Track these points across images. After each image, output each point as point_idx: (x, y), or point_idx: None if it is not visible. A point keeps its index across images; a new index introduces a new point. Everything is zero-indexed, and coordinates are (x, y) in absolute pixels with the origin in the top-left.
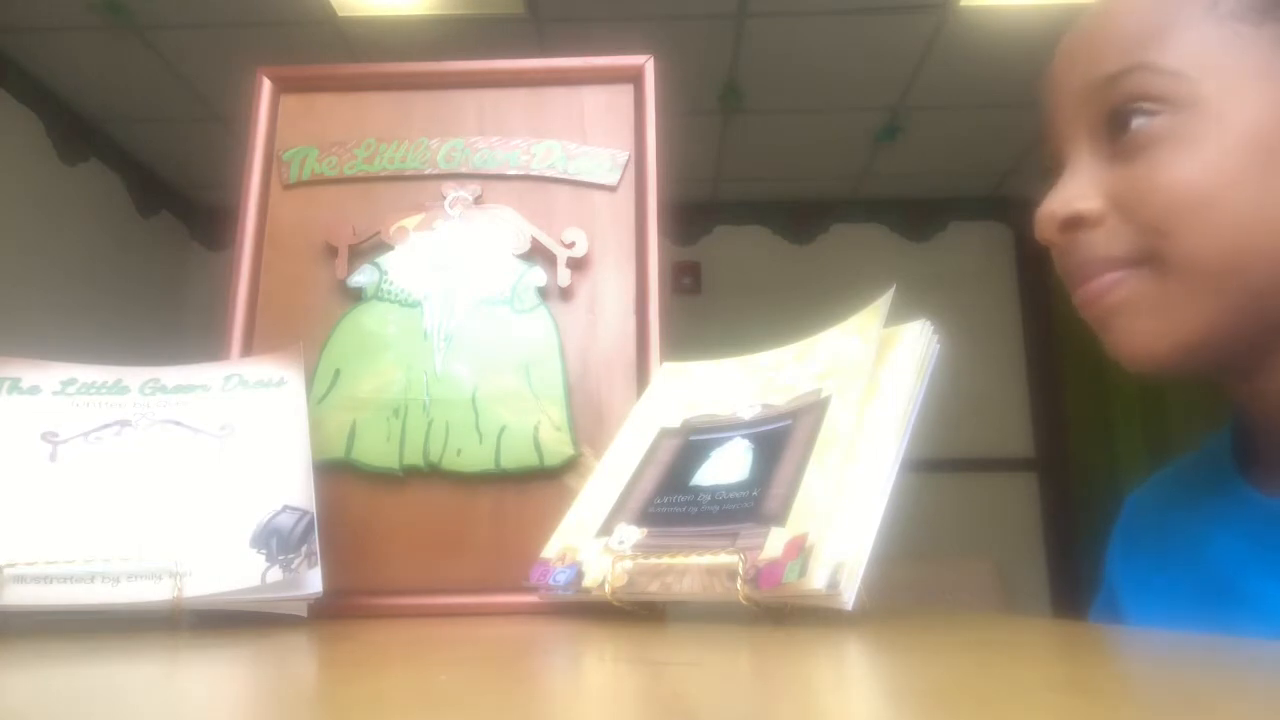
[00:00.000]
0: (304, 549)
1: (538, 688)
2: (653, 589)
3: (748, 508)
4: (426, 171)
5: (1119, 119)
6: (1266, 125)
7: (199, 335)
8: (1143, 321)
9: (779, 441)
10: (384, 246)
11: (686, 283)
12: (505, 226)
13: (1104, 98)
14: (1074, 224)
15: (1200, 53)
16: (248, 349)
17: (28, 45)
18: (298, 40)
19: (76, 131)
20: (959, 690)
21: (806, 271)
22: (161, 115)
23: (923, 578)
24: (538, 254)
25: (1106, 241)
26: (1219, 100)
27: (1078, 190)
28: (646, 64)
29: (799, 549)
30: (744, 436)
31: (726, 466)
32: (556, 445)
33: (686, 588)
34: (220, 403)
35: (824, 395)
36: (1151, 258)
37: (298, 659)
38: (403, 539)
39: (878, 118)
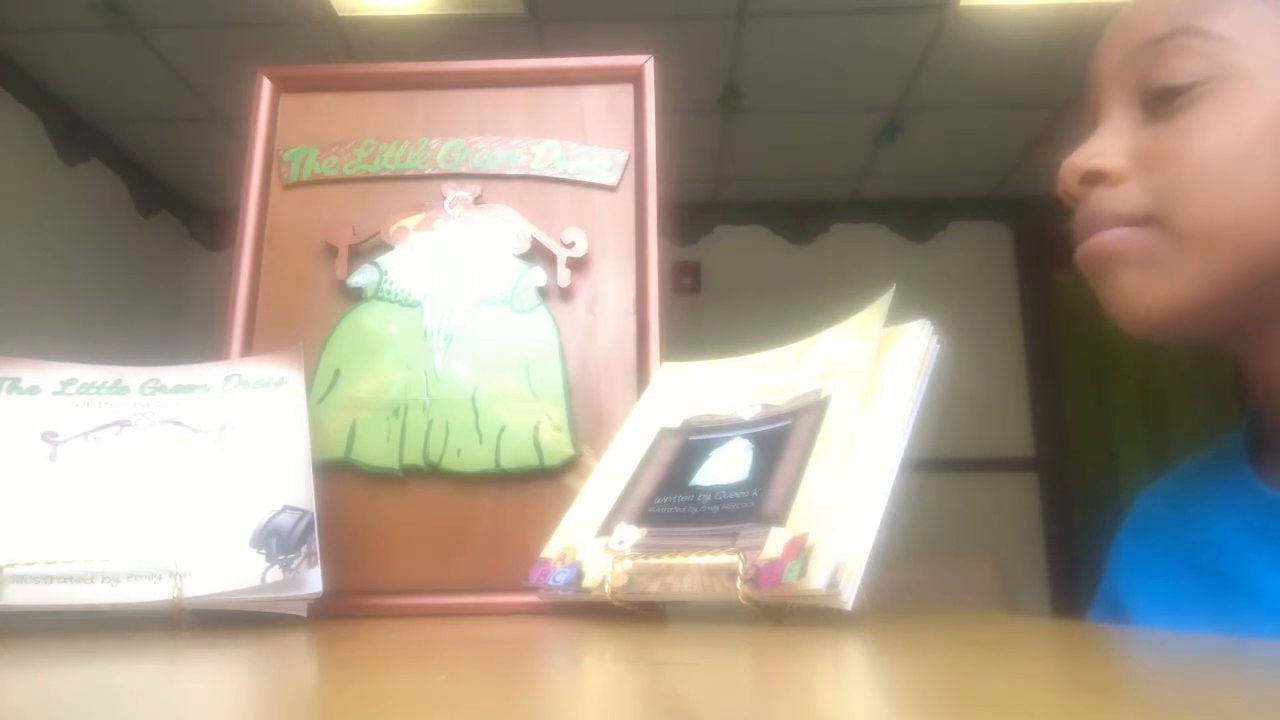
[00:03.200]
0: (304, 549)
1: (538, 688)
2: (653, 589)
3: (748, 508)
4: (426, 171)
5: (1158, 81)
6: None
7: (199, 335)
8: (1141, 276)
9: (779, 441)
10: (384, 246)
11: (686, 283)
12: (505, 226)
13: (1148, 59)
14: (1094, 178)
15: (1247, 25)
16: (248, 349)
17: (28, 45)
18: (298, 40)
19: (76, 131)
20: (959, 690)
21: (806, 271)
22: (161, 115)
23: (923, 578)
24: (538, 254)
25: (1120, 199)
26: (1257, 73)
27: (1104, 147)
28: (646, 64)
29: (799, 549)
30: (744, 436)
31: (726, 466)
32: (556, 445)
33: (686, 588)
34: (220, 403)
35: (824, 395)
36: (1155, 221)
37: (298, 659)
38: (403, 539)
39: (878, 118)
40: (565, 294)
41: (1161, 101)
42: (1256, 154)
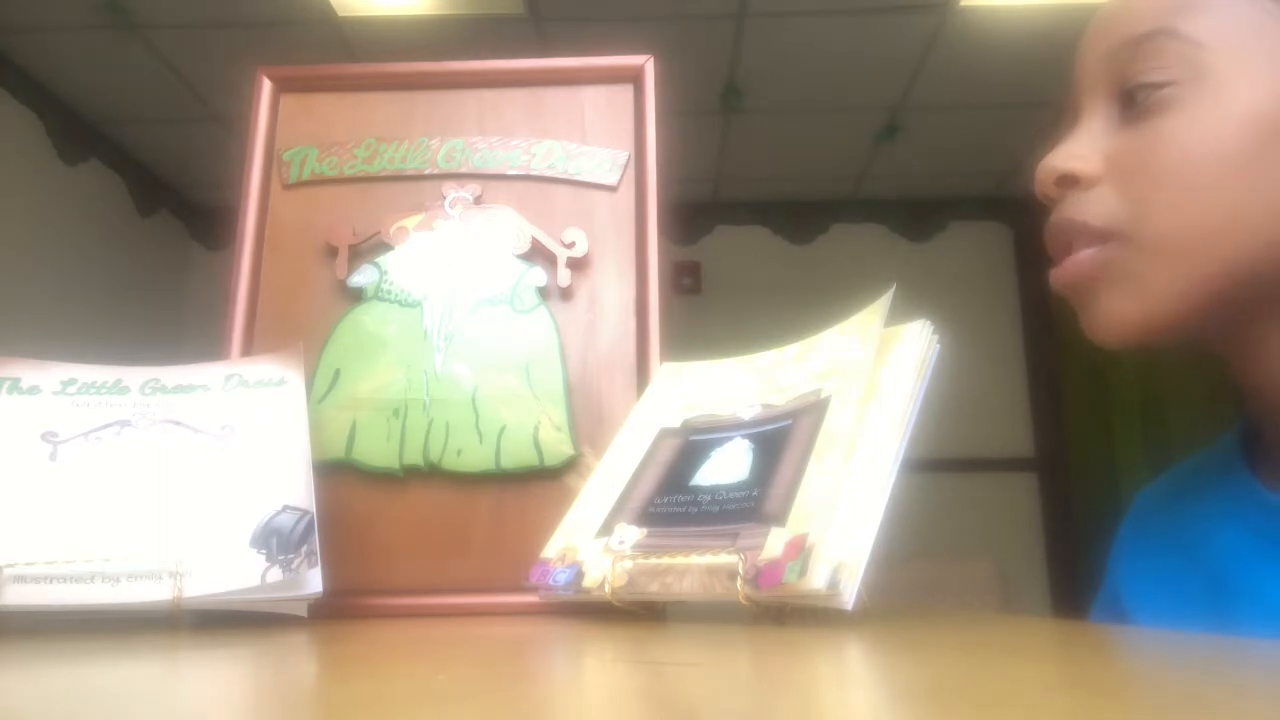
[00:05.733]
0: (304, 549)
1: (538, 688)
2: (653, 589)
3: (748, 508)
4: (426, 171)
5: (1132, 81)
6: (1272, 105)
7: (199, 335)
8: (1113, 297)
9: (779, 441)
10: (384, 246)
11: (686, 283)
12: (505, 226)
13: (1125, 59)
14: (1068, 182)
15: (1226, 26)
16: (248, 349)
17: (28, 45)
18: (298, 40)
19: (76, 131)
20: (959, 690)
21: (806, 271)
22: (161, 115)
23: (923, 578)
24: (538, 254)
25: (1090, 206)
26: (1229, 76)
27: (1080, 150)
28: (646, 64)
29: (799, 549)
30: (744, 436)
31: (726, 466)
32: (556, 445)
33: (686, 588)
34: (220, 403)
35: (824, 395)
36: (1123, 234)
37: (298, 659)
38: (403, 539)
39: (878, 118)
40: (565, 294)
41: (1136, 103)
42: (1225, 160)
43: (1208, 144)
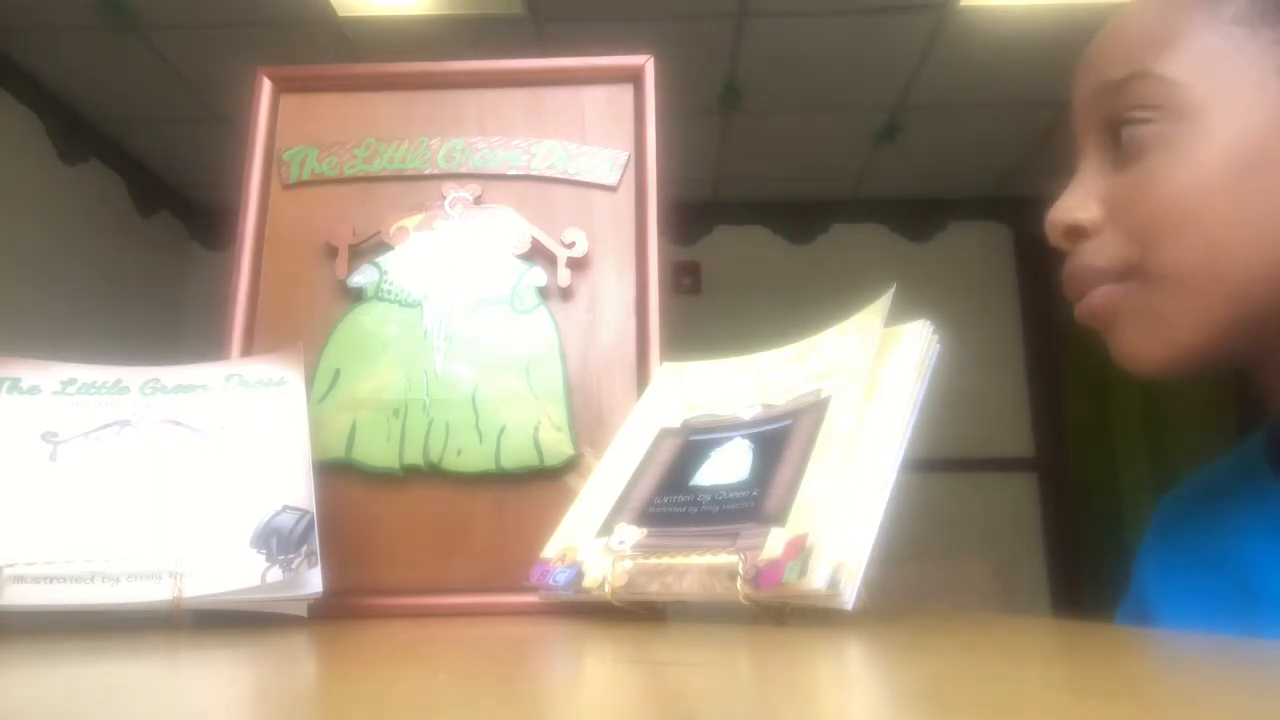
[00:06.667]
0: (304, 549)
1: (538, 688)
2: (653, 589)
3: (748, 508)
4: (426, 171)
5: (1118, 125)
6: (1253, 131)
7: (199, 335)
8: (1135, 329)
9: (779, 441)
10: (384, 246)
11: (686, 283)
12: (505, 226)
13: (1107, 104)
14: (1074, 233)
15: (1199, 61)
16: (248, 349)
17: (28, 45)
18: (298, 40)
19: (76, 131)
20: (959, 690)
21: (806, 271)
22: (161, 115)
23: (923, 578)
24: (538, 254)
25: (1100, 251)
26: (1210, 108)
27: (1078, 199)
28: (646, 64)
29: (799, 549)
30: (744, 436)
31: (726, 466)
32: (556, 445)
33: (686, 588)
34: (220, 403)
35: (824, 395)
36: (1136, 271)
37: (298, 659)
38: (403, 539)
39: (878, 118)
40: (565, 294)
41: (1123, 144)
42: (1214, 194)
43: (1195, 178)
